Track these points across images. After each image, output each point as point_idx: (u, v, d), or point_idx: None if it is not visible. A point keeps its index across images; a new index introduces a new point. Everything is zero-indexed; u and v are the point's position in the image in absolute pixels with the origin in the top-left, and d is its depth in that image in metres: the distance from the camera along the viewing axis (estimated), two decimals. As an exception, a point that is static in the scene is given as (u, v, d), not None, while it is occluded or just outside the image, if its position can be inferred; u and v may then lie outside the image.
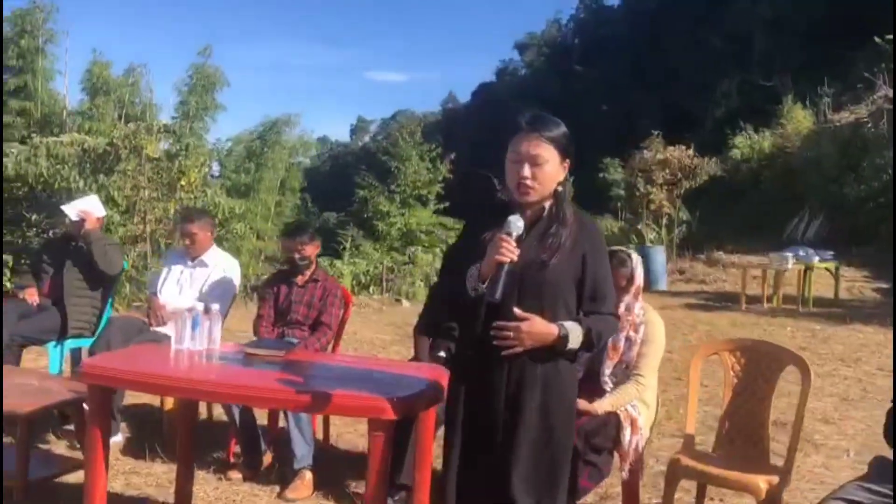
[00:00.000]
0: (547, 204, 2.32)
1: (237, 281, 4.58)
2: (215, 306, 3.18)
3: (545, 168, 2.25)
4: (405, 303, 11.05)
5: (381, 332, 7.97)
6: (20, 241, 10.86)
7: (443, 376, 2.92)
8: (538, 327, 2.20)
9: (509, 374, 2.25)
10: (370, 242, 15.82)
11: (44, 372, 4.31)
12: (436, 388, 2.72)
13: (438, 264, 13.52)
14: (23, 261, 10.64)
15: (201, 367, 2.97)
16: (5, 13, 13.21)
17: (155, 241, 11.19)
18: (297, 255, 4.23)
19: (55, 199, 10.88)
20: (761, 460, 3.19)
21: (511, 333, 2.19)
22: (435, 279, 12.90)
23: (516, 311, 2.20)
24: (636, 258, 3.36)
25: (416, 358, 3.98)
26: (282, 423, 4.31)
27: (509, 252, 2.16)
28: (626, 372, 3.33)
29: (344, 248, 14.77)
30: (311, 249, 4.29)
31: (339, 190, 29.80)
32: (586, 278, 2.29)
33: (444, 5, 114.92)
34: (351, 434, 4.62)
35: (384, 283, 12.63)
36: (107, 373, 2.71)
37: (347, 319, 4.42)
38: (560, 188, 2.32)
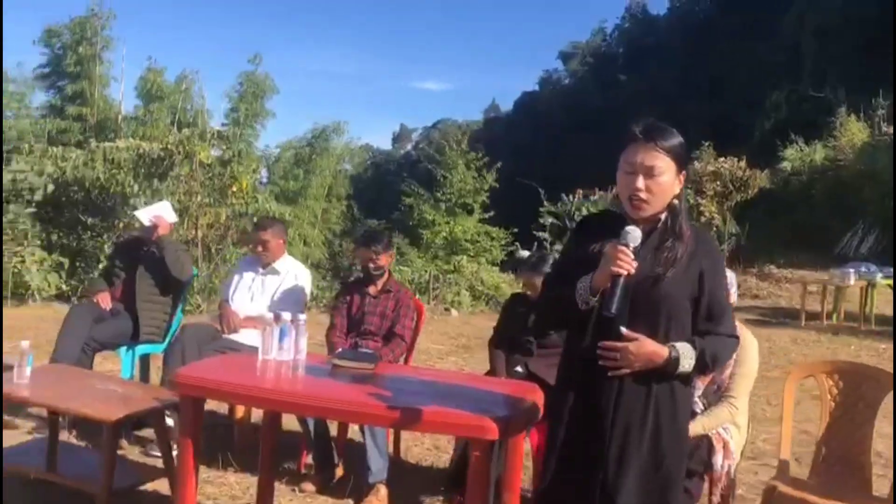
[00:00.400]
0: (662, 217, 2.23)
1: (308, 289, 4.55)
2: (302, 316, 3.13)
3: (661, 180, 2.16)
4: (454, 312, 10.97)
5: (435, 342, 7.89)
6: (76, 244, 11.03)
7: (536, 394, 2.85)
8: (647, 348, 2.11)
9: (618, 395, 2.15)
10: (414, 251, 15.79)
11: (118, 378, 4.30)
12: (533, 407, 2.64)
13: (484, 274, 13.45)
14: (77, 262, 10.84)
15: (289, 379, 2.92)
16: (65, 20, 13.50)
17: (206, 245, 11.28)
18: (371, 265, 4.20)
19: (110, 203, 11.09)
20: (862, 489, 3.06)
21: (618, 355, 2.11)
22: (480, 288, 12.83)
23: (624, 331, 2.11)
24: (731, 275, 3.25)
25: (492, 372, 3.91)
26: (351, 435, 4.30)
27: (627, 264, 2.07)
28: (717, 394, 3.23)
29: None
30: (385, 259, 4.25)
31: (381, 197, 29.93)
32: (703, 296, 2.18)
33: (488, 15, 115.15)
34: (418, 448, 4.56)
35: (430, 292, 12.58)
36: (199, 383, 2.68)
37: (420, 331, 4.36)
38: (676, 201, 2.22)
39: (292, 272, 4.51)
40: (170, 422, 3.68)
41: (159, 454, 3.78)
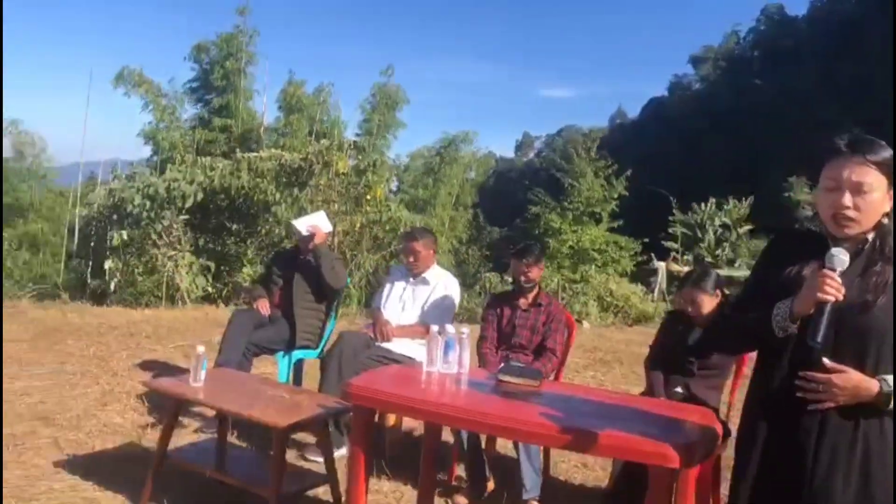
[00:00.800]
0: (869, 237, 2.06)
1: (457, 299, 4.56)
2: (465, 330, 3.13)
3: (870, 197, 1.98)
4: (585, 324, 10.77)
5: (571, 355, 7.76)
6: (221, 249, 11.60)
7: (713, 420, 2.72)
8: (854, 381, 1.94)
9: (821, 431, 1.98)
10: (540, 260, 15.66)
11: (285, 385, 4.45)
12: (713, 435, 2.52)
13: (613, 285, 13.14)
14: (222, 266, 11.41)
15: (454, 393, 2.92)
16: (211, 37, 14.27)
17: (342, 252, 11.61)
18: (522, 278, 4.16)
19: (253, 211, 11.60)
20: None
21: (821, 387, 1.96)
22: (609, 299, 12.54)
23: (826, 362, 1.96)
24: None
25: (648, 393, 3.78)
26: (499, 448, 4.27)
27: (835, 290, 1.92)
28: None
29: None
30: (536, 272, 4.20)
31: (503, 205, 29.92)
32: None
33: (616, 21, 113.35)
34: (565, 464, 4.47)
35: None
36: (371, 394, 2.71)
37: (572, 345, 4.28)
38: (886, 220, 2.05)
39: (442, 282, 4.53)
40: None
41: (317, 459, 3.89)
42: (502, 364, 3.43)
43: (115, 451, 3.99)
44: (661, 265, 14.69)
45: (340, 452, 4.03)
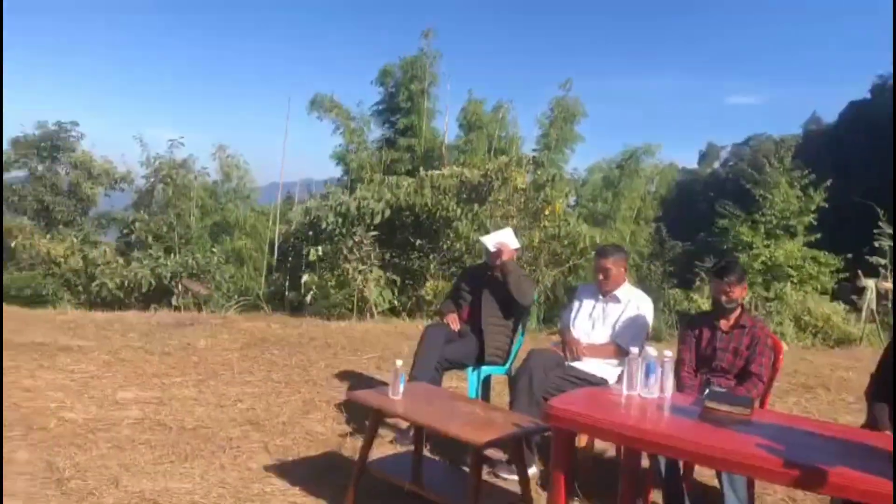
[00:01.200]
0: None
1: (650, 319, 4.41)
2: (668, 353, 3.01)
3: None
4: (784, 345, 10.03)
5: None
6: (405, 263, 12.01)
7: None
8: None
9: None
10: (728, 276, 14.83)
11: (480, 401, 4.51)
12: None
13: (811, 304, 12.19)
14: (406, 280, 11.80)
15: (657, 418, 2.81)
16: (395, 60, 14.87)
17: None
18: (723, 298, 3.94)
19: (435, 227, 11.91)
20: None
21: None
22: (807, 319, 11.62)
23: None
24: None
25: (871, 426, 3.44)
26: (696, 476, 4.06)
27: None
28: None
29: (702, 281, 14.01)
30: (739, 292, 3.97)
31: (687, 218, 28.74)
32: None
33: (807, 17, 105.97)
34: (771, 497, 4.17)
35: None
36: (571, 416, 2.67)
37: (778, 371, 4.00)
38: None
39: (634, 301, 4.40)
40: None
41: (509, 476, 3.89)
42: (704, 389, 3.26)
43: (317, 459, 4.20)
44: (870, 283, 13.45)
45: (531, 471, 4.00)
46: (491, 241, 4.94)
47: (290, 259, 12.74)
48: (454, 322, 4.86)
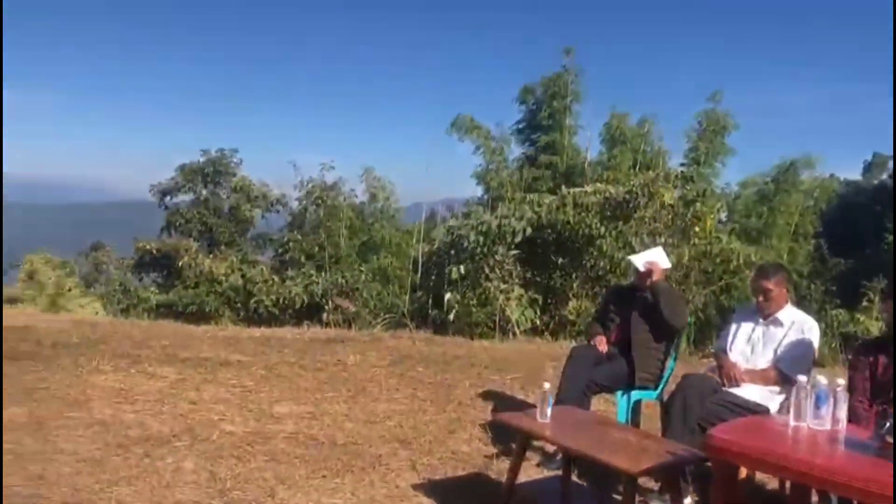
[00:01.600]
0: None
1: (817, 344, 4.10)
2: (840, 381, 2.78)
3: None
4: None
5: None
6: (547, 282, 11.88)
7: None
8: None
9: None
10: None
11: (632, 428, 4.37)
12: None
13: None
14: (548, 299, 11.67)
15: (829, 453, 2.59)
16: (536, 79, 14.83)
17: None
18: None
19: (578, 245, 11.72)
20: None
21: None
22: None
23: None
24: None
25: None
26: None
27: None
28: None
29: (870, 301, 12.95)
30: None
31: (850, 233, 26.75)
32: None
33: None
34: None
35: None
36: (734, 448, 2.50)
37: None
38: None
39: (798, 324, 4.11)
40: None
41: (663, 507, 3.72)
42: (882, 421, 2.98)
43: (464, 479, 4.20)
44: None
45: (685, 502, 3.81)
46: (640, 260, 4.78)
47: (432, 277, 12.92)
48: (602, 344, 4.73)
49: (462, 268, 11.04)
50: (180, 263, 14.99)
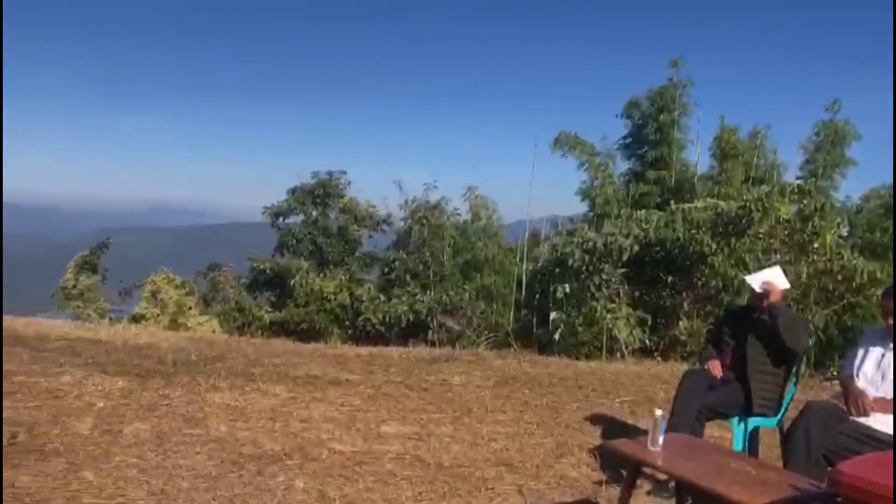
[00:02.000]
0: None
1: (958, 372, 3.79)
2: None
3: None
4: None
5: None
6: (656, 301, 11.57)
7: None
8: None
9: None
10: None
11: (750, 458, 4.18)
12: None
13: None
14: (657, 319, 11.35)
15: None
16: (644, 93, 14.54)
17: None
18: None
19: (688, 262, 11.37)
20: None
21: None
22: None
23: None
24: None
25: None
26: None
27: None
28: None
29: None
30: None
31: None
32: None
33: None
34: None
35: None
36: (870, 487, 2.33)
37: None
38: None
39: (935, 349, 3.82)
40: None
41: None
42: None
43: (572, 505, 4.11)
44: None
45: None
46: (756, 280, 4.57)
47: (536, 296, 12.82)
48: (716, 369, 4.54)
49: (567, 286, 10.90)
50: (292, 282, 15.48)
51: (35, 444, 4.32)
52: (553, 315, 10.88)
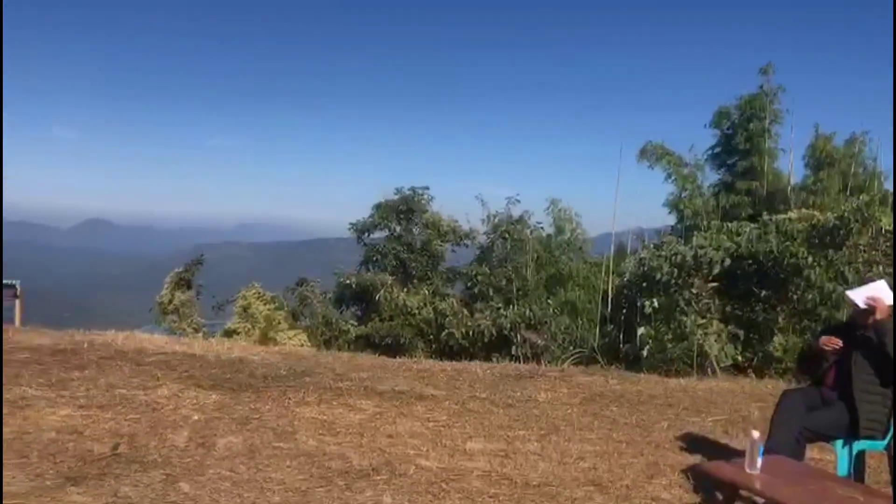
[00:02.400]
0: None
1: None
2: None
3: None
4: None
5: None
6: (748, 316, 11.16)
7: None
8: None
9: None
10: None
11: (857, 483, 3.97)
12: None
13: None
14: (751, 334, 10.95)
15: None
16: (732, 101, 14.14)
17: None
18: None
19: (783, 276, 10.95)
20: None
21: None
22: None
23: None
24: None
25: None
26: None
27: None
28: None
29: None
30: None
31: None
32: None
33: None
34: None
35: None
36: None
37: None
38: None
39: None
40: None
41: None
42: None
43: (665, 528, 3.98)
44: None
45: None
46: (860, 295, 4.34)
47: (623, 311, 12.60)
48: (832, 341, 4.28)
49: (655, 301, 10.67)
50: (377, 297, 15.69)
51: (135, 455, 4.50)
52: (641, 330, 10.66)
